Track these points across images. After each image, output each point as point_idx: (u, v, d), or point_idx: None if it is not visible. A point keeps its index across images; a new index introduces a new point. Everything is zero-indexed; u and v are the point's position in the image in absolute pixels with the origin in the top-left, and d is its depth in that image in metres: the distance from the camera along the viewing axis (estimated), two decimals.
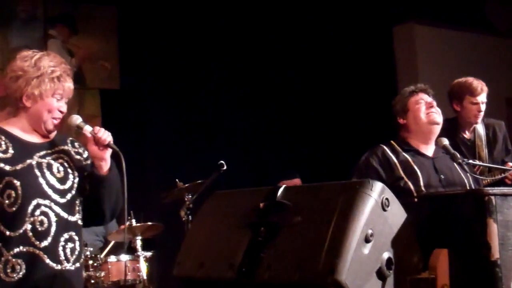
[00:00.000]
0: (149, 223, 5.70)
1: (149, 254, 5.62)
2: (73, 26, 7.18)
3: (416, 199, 3.46)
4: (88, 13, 7.29)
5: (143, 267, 5.49)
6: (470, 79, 4.75)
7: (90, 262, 5.29)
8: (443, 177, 3.67)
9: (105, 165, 2.99)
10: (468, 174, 3.74)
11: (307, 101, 7.95)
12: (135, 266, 5.46)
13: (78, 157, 3.07)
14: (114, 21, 7.36)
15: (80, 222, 3.02)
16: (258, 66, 7.77)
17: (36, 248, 2.82)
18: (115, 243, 5.80)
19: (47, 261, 2.84)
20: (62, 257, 2.88)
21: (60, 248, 2.88)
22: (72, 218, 2.94)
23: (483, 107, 4.72)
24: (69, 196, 2.94)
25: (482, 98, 4.70)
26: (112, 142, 2.97)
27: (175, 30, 7.40)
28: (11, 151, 2.87)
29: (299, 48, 7.88)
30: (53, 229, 2.86)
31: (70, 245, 2.92)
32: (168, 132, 7.36)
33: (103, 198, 3.02)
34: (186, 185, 5.60)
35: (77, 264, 2.95)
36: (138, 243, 5.58)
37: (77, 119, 3.04)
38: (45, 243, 2.84)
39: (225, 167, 5.23)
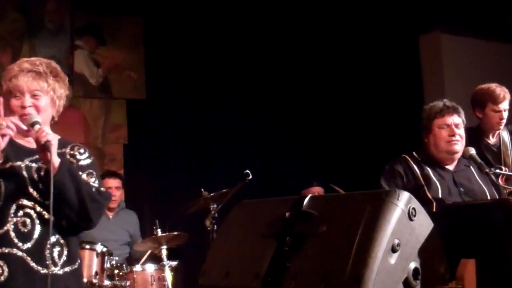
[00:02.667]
0: (174, 232, 5.71)
1: (174, 263, 5.63)
2: (100, 36, 7.25)
3: (443, 209, 3.44)
4: (114, 24, 7.36)
5: (168, 276, 5.50)
6: (493, 86, 4.69)
7: (116, 271, 5.32)
8: (462, 190, 3.69)
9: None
10: (489, 183, 3.72)
11: (333, 109, 7.94)
12: (161, 276, 5.47)
13: (72, 159, 2.98)
14: (140, 32, 7.41)
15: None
16: (282, 76, 7.78)
17: (19, 250, 2.78)
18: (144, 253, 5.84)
19: (32, 264, 2.79)
20: (49, 261, 2.80)
21: (47, 252, 2.80)
22: (58, 222, 2.86)
23: (505, 115, 4.68)
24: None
25: (504, 105, 4.66)
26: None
27: (201, 41, 7.44)
28: (5, 153, 2.80)
29: (325, 57, 7.88)
30: (36, 231, 2.81)
31: (57, 248, 2.85)
32: (193, 142, 7.39)
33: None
34: (211, 194, 5.60)
35: (67, 269, 2.87)
36: (164, 252, 5.60)
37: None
38: (28, 245, 2.79)
39: (251, 176, 5.22)
